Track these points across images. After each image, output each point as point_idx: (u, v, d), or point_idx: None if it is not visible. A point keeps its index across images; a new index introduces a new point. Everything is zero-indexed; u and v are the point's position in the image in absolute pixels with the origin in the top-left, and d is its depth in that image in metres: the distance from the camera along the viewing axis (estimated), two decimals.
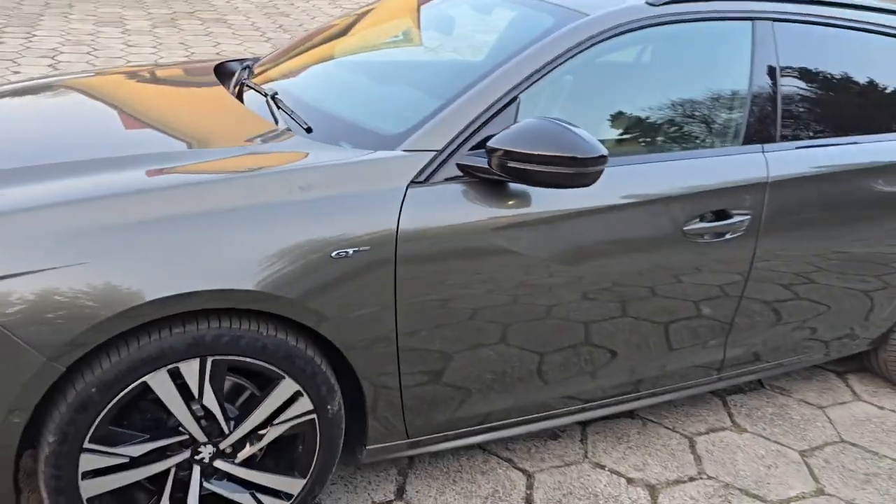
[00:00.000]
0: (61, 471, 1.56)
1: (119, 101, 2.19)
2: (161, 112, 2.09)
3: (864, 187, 2.39)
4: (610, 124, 2.11)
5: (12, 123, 2.05)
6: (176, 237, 1.54)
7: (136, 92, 2.31)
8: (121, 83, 2.42)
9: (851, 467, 2.46)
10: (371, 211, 1.70)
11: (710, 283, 2.18)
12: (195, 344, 1.58)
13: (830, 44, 2.45)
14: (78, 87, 2.35)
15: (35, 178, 1.63)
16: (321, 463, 1.84)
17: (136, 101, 2.19)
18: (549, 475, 2.27)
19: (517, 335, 1.95)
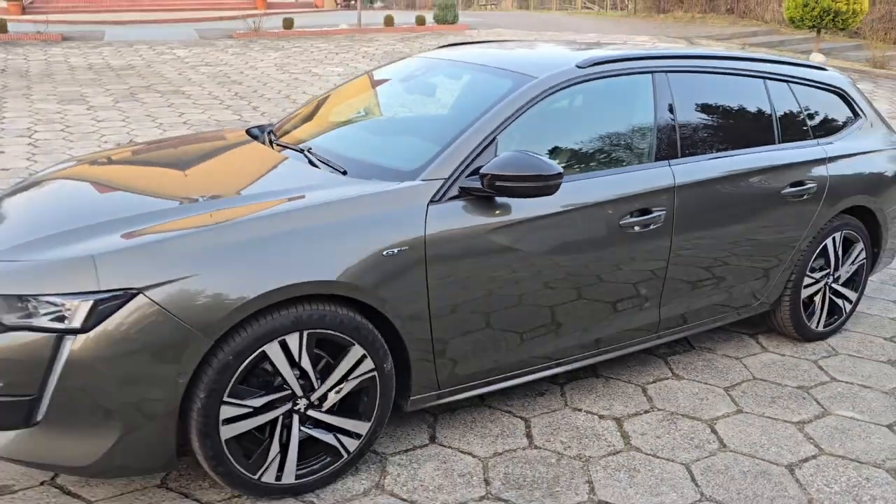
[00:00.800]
0: (208, 419, 2.21)
1: (204, 158, 2.90)
2: (241, 168, 2.81)
3: (742, 186, 3.25)
4: (559, 152, 2.92)
5: (145, 178, 2.73)
6: (283, 248, 2.24)
7: (207, 152, 3.03)
8: (191, 147, 3.13)
9: (761, 394, 3.26)
10: (406, 222, 2.45)
11: (643, 260, 2.98)
12: (296, 321, 2.27)
13: (710, 85, 3.34)
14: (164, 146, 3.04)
15: (181, 214, 2.32)
16: (381, 409, 2.53)
17: (213, 160, 2.90)
18: (541, 419, 3.00)
19: (509, 310, 2.70)
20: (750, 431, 2.96)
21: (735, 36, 17.34)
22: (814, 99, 3.73)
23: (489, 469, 2.65)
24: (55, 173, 3.05)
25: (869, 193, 3.73)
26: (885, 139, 3.97)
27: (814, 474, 2.69)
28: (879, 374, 3.48)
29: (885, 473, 2.71)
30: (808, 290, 3.67)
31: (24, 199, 2.79)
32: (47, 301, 2.10)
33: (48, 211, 2.62)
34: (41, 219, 2.52)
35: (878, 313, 4.21)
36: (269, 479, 2.37)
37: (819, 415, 3.11)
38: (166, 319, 2.10)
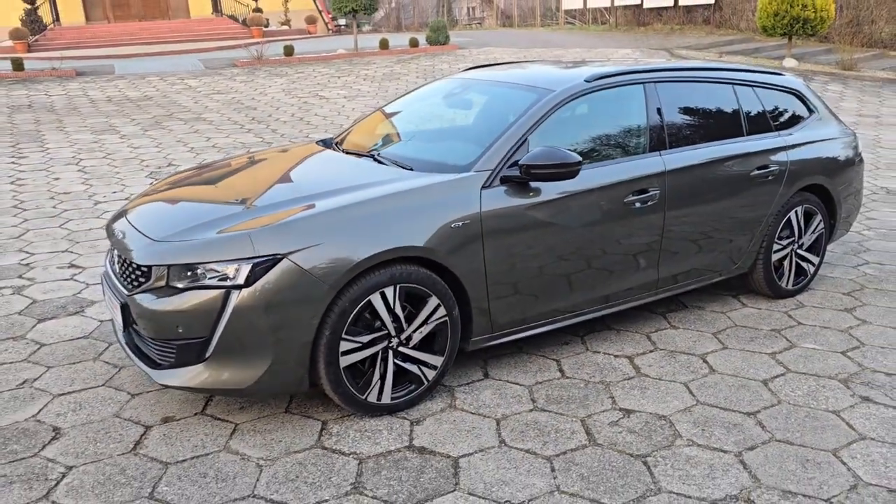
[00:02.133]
0: (332, 350, 3.00)
1: (297, 165, 3.72)
2: (331, 170, 3.63)
3: (719, 170, 4.08)
4: (575, 147, 3.75)
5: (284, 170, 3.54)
6: (381, 223, 3.05)
7: (298, 161, 3.85)
8: (281, 159, 3.94)
9: (742, 336, 4.07)
10: (466, 203, 3.26)
11: (643, 230, 3.80)
12: (391, 277, 3.07)
13: (689, 91, 4.18)
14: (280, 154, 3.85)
15: (299, 203, 3.13)
16: (451, 347, 3.32)
17: (304, 166, 3.72)
18: (568, 359, 3.79)
19: (543, 271, 3.51)
20: (733, 360, 3.76)
21: (712, 45, 18.34)
22: (774, 99, 4.58)
23: (534, 392, 3.44)
24: (177, 184, 3.85)
25: (823, 174, 4.57)
26: (836, 130, 4.83)
27: (783, 385, 3.49)
28: (837, 319, 4.30)
29: (837, 382, 3.52)
30: (777, 254, 4.50)
31: (158, 204, 3.57)
32: (212, 268, 2.89)
33: (191, 208, 3.42)
34: (188, 213, 3.32)
35: (838, 276, 5.04)
36: (372, 399, 3.16)
37: (788, 347, 3.92)
38: (303, 275, 2.90)
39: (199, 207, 3.41)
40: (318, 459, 2.90)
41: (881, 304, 4.50)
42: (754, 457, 2.91)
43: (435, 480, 2.75)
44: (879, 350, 3.86)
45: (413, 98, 4.53)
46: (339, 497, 2.66)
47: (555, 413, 3.25)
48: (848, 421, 3.17)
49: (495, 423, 3.17)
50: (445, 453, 2.93)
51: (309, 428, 3.13)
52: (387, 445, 2.99)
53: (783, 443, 3.00)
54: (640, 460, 2.89)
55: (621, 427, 3.13)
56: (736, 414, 3.23)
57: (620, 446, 2.98)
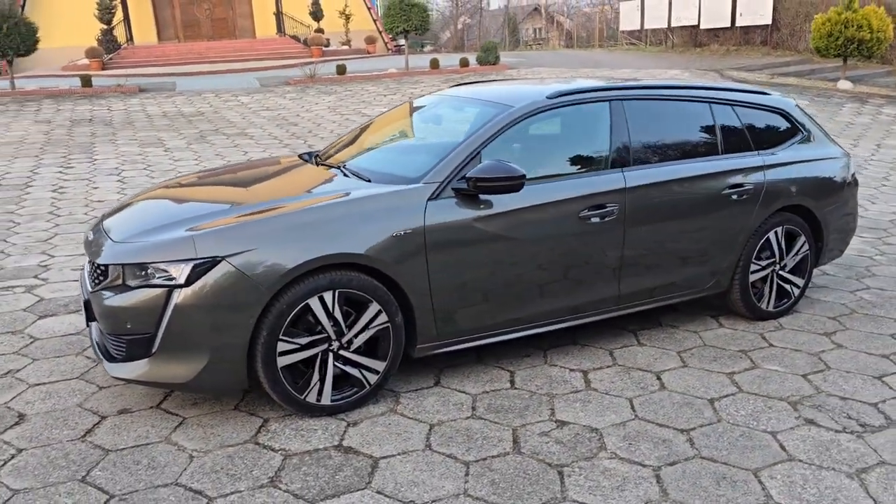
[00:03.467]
0: (269, 351, 3.15)
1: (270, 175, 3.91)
2: (295, 179, 3.80)
3: (686, 189, 4.08)
4: (532, 161, 3.82)
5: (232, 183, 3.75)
6: (322, 229, 3.19)
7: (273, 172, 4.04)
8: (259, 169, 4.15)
9: (706, 355, 4.04)
10: (411, 213, 3.37)
11: (601, 245, 3.83)
12: (331, 282, 3.20)
13: (660, 109, 4.20)
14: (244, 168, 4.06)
15: (249, 209, 3.30)
16: (393, 352, 3.43)
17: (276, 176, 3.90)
18: (523, 371, 3.84)
19: (492, 281, 3.58)
20: (687, 379, 3.74)
21: (766, 66, 17.96)
22: (757, 118, 4.54)
23: (477, 401, 3.51)
24: (154, 192, 4.10)
25: (807, 195, 4.49)
26: (825, 150, 4.74)
27: (729, 405, 3.46)
28: (812, 342, 4.21)
29: (786, 404, 3.46)
30: (755, 275, 4.43)
31: (134, 208, 3.81)
32: (160, 267, 3.09)
33: (154, 213, 3.64)
34: (152, 218, 3.54)
35: (831, 299, 4.92)
36: (311, 399, 3.29)
37: (749, 368, 3.86)
38: (241, 278, 3.06)
39: (164, 212, 3.62)
40: (247, 454, 3.04)
41: (864, 330, 4.38)
42: (672, 472, 2.90)
43: (349, 478, 2.86)
44: (843, 374, 3.77)
45: (394, 114, 4.68)
46: (254, 489, 2.79)
47: (490, 421, 3.31)
48: (782, 442, 3.12)
49: (428, 428, 3.25)
50: (369, 454, 3.03)
51: (249, 424, 3.28)
52: (316, 444, 3.11)
53: (707, 460, 2.99)
54: (556, 470, 2.92)
55: (550, 438, 3.17)
56: (669, 430, 3.22)
57: (542, 455, 3.02)
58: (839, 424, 3.27)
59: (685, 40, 23.72)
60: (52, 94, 16.83)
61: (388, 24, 18.54)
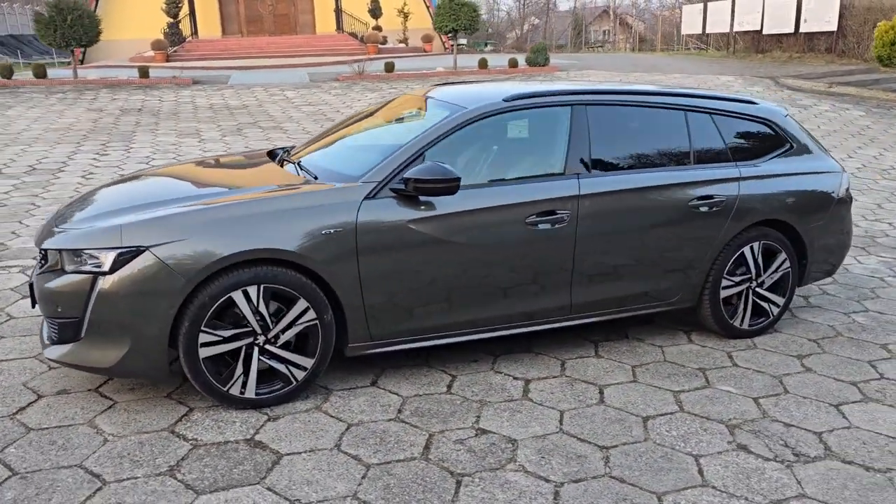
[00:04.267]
0: (191, 341, 3.18)
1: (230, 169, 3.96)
2: (247, 175, 3.84)
3: (647, 198, 3.92)
4: (483, 165, 3.75)
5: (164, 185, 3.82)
6: (247, 223, 3.21)
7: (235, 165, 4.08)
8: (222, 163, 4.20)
9: (661, 371, 3.89)
10: (343, 211, 3.35)
11: (550, 252, 3.73)
12: (255, 277, 3.22)
13: (626, 116, 4.07)
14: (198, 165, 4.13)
15: (187, 201, 3.35)
16: (322, 350, 3.42)
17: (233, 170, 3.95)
18: (466, 376, 3.78)
19: (430, 284, 3.53)
20: (631, 394, 3.61)
21: (827, 75, 17.23)
22: (738, 128, 4.35)
23: (406, 404, 3.47)
24: (126, 177, 4.20)
25: (788, 210, 4.28)
26: (815, 164, 4.50)
27: (663, 424, 3.32)
28: (779, 364, 4.00)
29: (724, 427, 3.30)
30: (727, 291, 4.24)
31: (91, 197, 3.91)
32: (91, 254, 3.16)
33: (104, 202, 3.72)
34: (99, 206, 3.62)
35: (820, 320, 4.67)
36: (235, 391, 3.31)
37: (700, 387, 3.70)
38: (162, 268, 3.10)
39: (112, 201, 3.70)
40: (159, 441, 3.08)
41: (842, 354, 4.14)
42: (573, 490, 2.80)
43: (246, 473, 2.86)
44: (799, 400, 3.58)
45: (367, 112, 4.67)
46: (150, 476, 2.82)
47: (410, 425, 3.27)
48: (703, 467, 2.98)
49: (345, 428, 3.23)
50: (276, 450, 3.04)
51: (174, 412, 3.33)
52: (229, 436, 3.13)
53: (615, 479, 2.87)
54: (456, 479, 2.86)
55: (464, 446, 3.10)
56: (589, 446, 3.12)
57: (447, 463, 2.97)
58: (772, 452, 3.10)
59: (747, 46, 22.97)
60: (111, 83, 17.49)
61: (438, 22, 18.57)
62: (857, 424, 3.35)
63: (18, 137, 11.24)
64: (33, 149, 10.38)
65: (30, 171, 8.99)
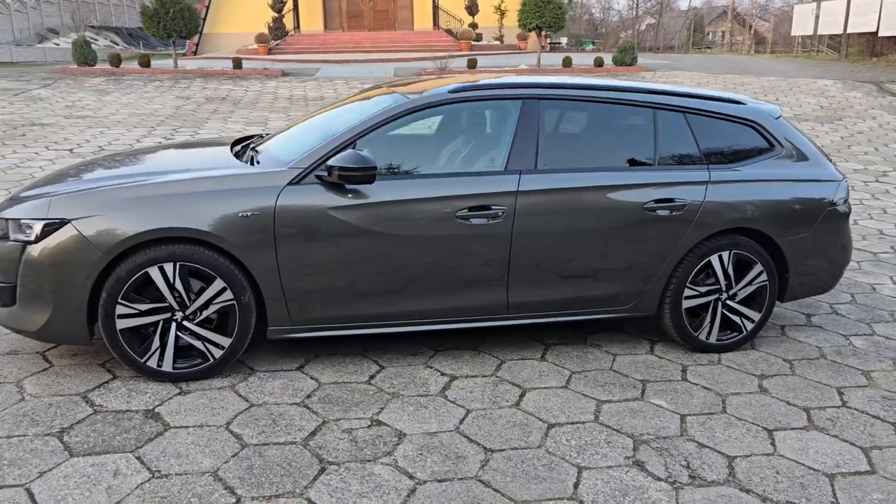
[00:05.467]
0: (108, 312, 3.32)
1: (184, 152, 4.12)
2: (195, 159, 3.97)
3: (596, 198, 3.73)
4: (426, 156, 3.70)
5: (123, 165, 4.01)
6: (166, 203, 3.32)
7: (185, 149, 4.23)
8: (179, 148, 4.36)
9: (599, 380, 3.70)
10: (263, 195, 3.40)
11: (484, 248, 3.63)
12: (172, 254, 3.32)
13: (585, 112, 3.90)
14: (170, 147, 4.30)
15: (121, 179, 3.50)
16: (240, 330, 3.49)
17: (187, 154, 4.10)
18: (395, 368, 3.75)
19: (353, 272, 3.53)
20: (552, 400, 3.47)
21: None
22: (717, 129, 4.08)
23: (319, 390, 3.48)
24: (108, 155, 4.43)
25: (765, 218, 3.97)
26: (806, 171, 4.15)
27: (566, 433, 3.17)
28: (734, 382, 3.73)
29: (630, 441, 3.11)
30: (691, 301, 3.99)
31: (71, 168, 4.14)
32: (26, 223, 3.36)
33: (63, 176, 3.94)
34: (59, 177, 3.84)
35: (811, 341, 4.31)
36: (152, 364, 3.43)
37: (632, 399, 3.51)
38: (82, 240, 3.26)
39: (71, 176, 3.91)
40: (66, 404, 3.24)
41: (812, 378, 3.82)
42: (431, 489, 2.73)
43: (126, 440, 2.96)
44: (732, 421, 3.32)
45: (342, 102, 4.70)
46: (38, 436, 2.98)
47: (310, 411, 3.28)
48: (581, 480, 2.82)
49: (246, 407, 3.28)
50: (167, 422, 3.12)
51: (96, 379, 3.49)
52: (133, 405, 3.25)
53: (481, 483, 2.77)
54: (321, 466, 2.85)
55: (350, 436, 3.09)
56: (476, 447, 3.02)
57: (323, 451, 2.96)
58: (667, 472, 2.90)
59: (861, 48, 21.42)
60: (206, 73, 18.42)
61: (522, 20, 18.41)
62: (782, 452, 3.08)
63: (103, 120, 12.05)
64: (111, 131, 11.10)
65: (98, 151, 9.61)
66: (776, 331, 4.48)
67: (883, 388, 3.73)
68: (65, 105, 13.49)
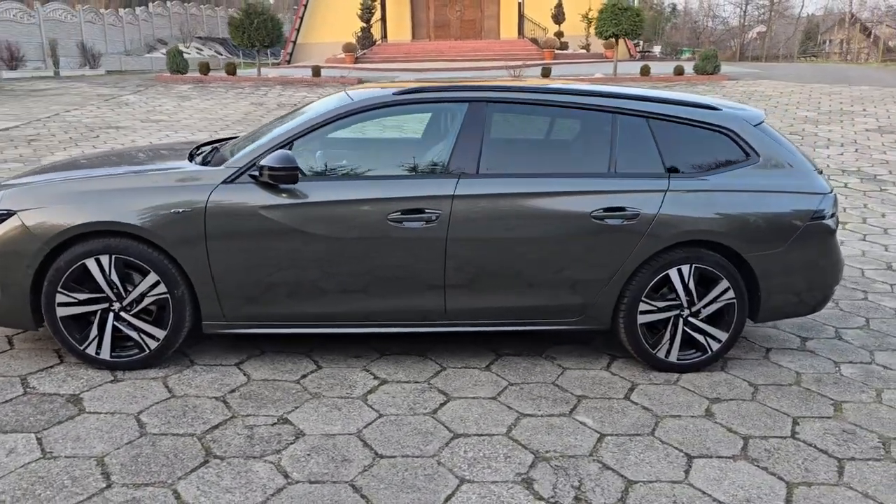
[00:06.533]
0: (49, 300, 3.49)
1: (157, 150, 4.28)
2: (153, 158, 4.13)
3: (531, 206, 3.59)
4: (365, 158, 3.69)
5: None
6: (101, 198, 3.46)
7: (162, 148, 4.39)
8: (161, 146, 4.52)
9: (535, 393, 3.56)
10: (196, 193, 3.49)
11: (417, 252, 3.57)
12: (107, 247, 3.45)
13: (537, 117, 3.79)
14: None
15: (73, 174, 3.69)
16: (174, 323, 3.58)
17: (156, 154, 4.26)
18: (330, 369, 3.75)
19: (285, 272, 3.55)
20: (473, 411, 3.36)
21: None
22: (684, 136, 3.85)
23: (245, 386, 3.52)
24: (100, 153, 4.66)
25: (727, 231, 3.71)
26: (783, 182, 3.85)
27: (467, 444, 3.07)
28: (680, 405, 3.50)
29: (531, 457, 2.97)
30: (647, 316, 3.78)
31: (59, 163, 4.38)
32: None
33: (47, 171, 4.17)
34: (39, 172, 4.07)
35: (792, 366, 3.99)
36: (90, 351, 3.58)
37: (555, 414, 3.36)
38: (25, 231, 3.44)
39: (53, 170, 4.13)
40: (3, 385, 3.42)
41: (770, 406, 3.53)
42: (300, 489, 2.70)
43: (36, 421, 3.10)
44: (653, 445, 3.12)
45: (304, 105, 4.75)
46: None
47: (225, 405, 3.32)
48: (458, 492, 2.72)
49: (166, 398, 3.36)
50: (84, 407, 3.25)
51: (43, 363, 3.67)
52: (63, 390, 3.40)
53: (351, 487, 2.72)
54: (205, 459, 2.88)
55: (250, 432, 3.11)
56: (366, 452, 2.97)
57: (215, 445, 2.99)
58: (552, 492, 2.75)
59: None
60: (285, 81, 19.09)
61: (598, 27, 18.07)
62: (692, 481, 2.86)
63: (174, 124, 12.70)
64: (176, 134, 11.69)
65: None
66: (760, 353, 4.18)
67: (848, 422, 3.41)
68: (146, 110, 14.32)
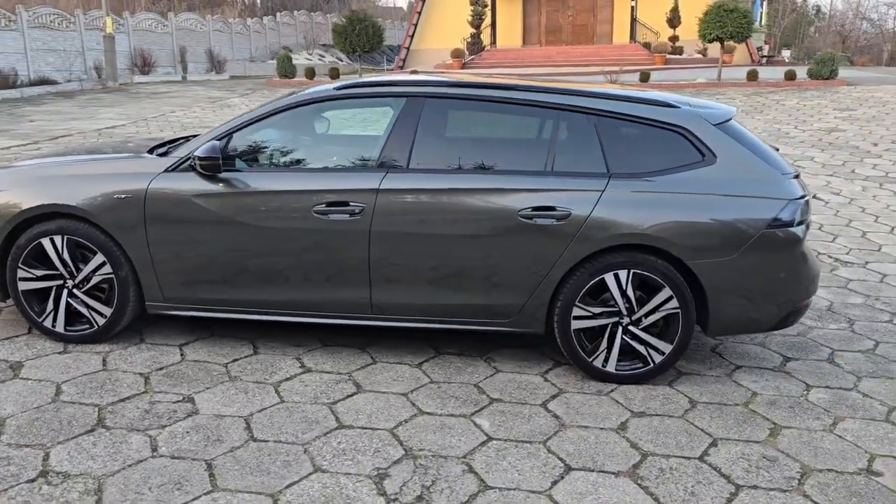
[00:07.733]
0: (12, 275, 3.81)
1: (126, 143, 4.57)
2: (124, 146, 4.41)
3: (455, 202, 3.53)
4: (298, 150, 3.78)
5: None
6: (52, 183, 3.74)
7: None
8: None
9: (447, 393, 3.49)
10: (137, 180, 3.70)
11: (341, 244, 3.60)
12: (60, 228, 3.73)
13: (475, 113, 3.73)
14: None
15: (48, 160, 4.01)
16: (119, 302, 3.80)
17: None
18: (263, 355, 3.84)
19: (217, 258, 3.69)
20: (374, 404, 3.35)
21: None
22: (634, 135, 3.66)
23: (175, 366, 3.69)
24: None
25: (667, 236, 3.48)
26: (741, 186, 3.55)
27: (346, 436, 3.06)
28: (598, 416, 3.32)
29: (400, 451, 2.93)
30: (581, 322, 3.61)
31: None
32: None
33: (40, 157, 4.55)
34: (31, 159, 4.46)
35: (754, 387, 3.68)
36: (47, 324, 3.87)
37: (457, 415, 3.28)
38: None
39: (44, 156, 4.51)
40: None
41: (696, 424, 3.29)
42: (156, 463, 2.81)
43: None
44: (534, 453, 2.98)
45: None
46: None
47: (146, 381, 3.50)
48: (301, 480, 2.73)
49: (96, 371, 3.58)
50: (19, 374, 3.52)
51: (14, 332, 4.00)
52: (13, 357, 3.70)
53: (206, 465, 2.79)
54: (85, 429, 3.04)
55: (151, 407, 3.25)
56: (239, 433, 3.04)
57: (112, 415, 3.16)
58: (399, 489, 2.69)
59: None
60: None
61: (702, 30, 17.29)
62: (554, 493, 2.72)
63: None
64: None
65: None
66: (725, 370, 3.89)
67: (776, 448, 3.11)
68: (244, 111, 15.14)
